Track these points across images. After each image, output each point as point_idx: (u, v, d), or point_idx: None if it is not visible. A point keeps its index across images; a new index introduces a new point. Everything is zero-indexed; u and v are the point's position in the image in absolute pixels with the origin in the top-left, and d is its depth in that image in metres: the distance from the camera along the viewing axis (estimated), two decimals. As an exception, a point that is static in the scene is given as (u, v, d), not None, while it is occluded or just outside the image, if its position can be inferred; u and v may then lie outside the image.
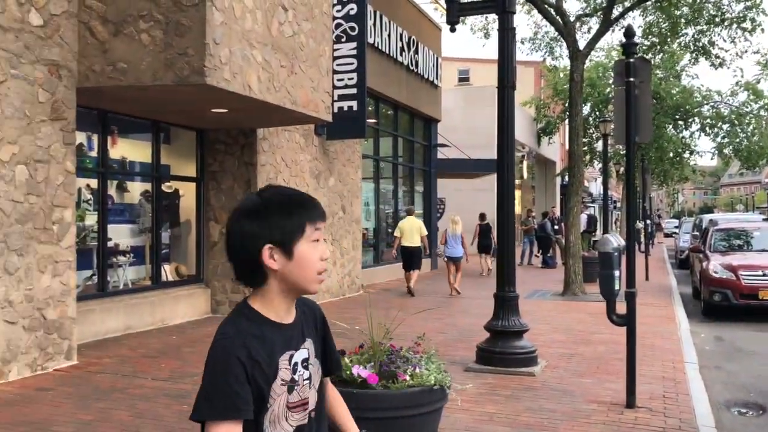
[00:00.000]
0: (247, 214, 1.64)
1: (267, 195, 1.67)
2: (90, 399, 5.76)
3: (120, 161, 9.39)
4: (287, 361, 1.66)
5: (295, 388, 1.66)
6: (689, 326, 10.13)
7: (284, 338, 1.67)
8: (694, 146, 30.84)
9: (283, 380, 1.63)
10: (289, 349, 1.68)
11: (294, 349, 1.68)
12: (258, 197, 1.67)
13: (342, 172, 12.83)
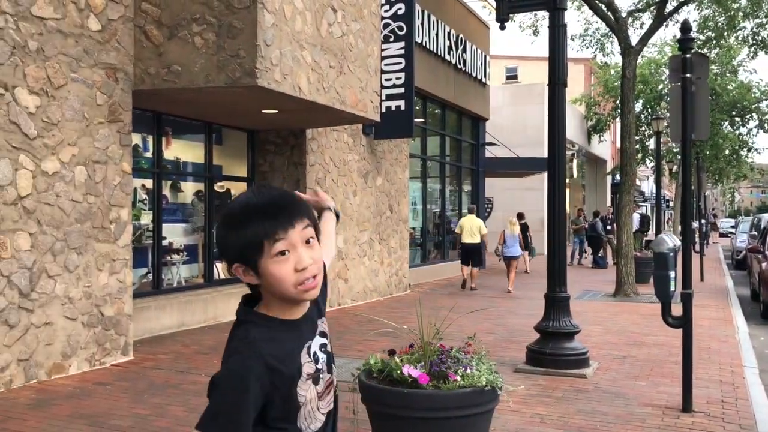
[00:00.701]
0: (221, 224, 1.56)
1: (235, 204, 1.54)
2: (145, 394, 5.91)
3: (174, 162, 9.60)
4: (307, 354, 1.59)
5: (320, 376, 1.60)
6: (748, 329, 9.82)
7: (298, 333, 1.60)
8: (751, 143, 29.86)
9: (308, 374, 1.57)
10: (306, 341, 1.60)
11: (310, 339, 1.62)
12: (231, 205, 1.56)
13: (389, 171, 12.86)
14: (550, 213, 7.24)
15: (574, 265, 20.27)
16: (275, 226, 1.48)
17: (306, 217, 1.53)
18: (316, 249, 1.54)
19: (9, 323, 5.93)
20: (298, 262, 1.49)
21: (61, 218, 6.42)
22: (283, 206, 1.51)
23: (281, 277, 1.49)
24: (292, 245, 1.49)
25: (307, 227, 1.52)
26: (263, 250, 1.47)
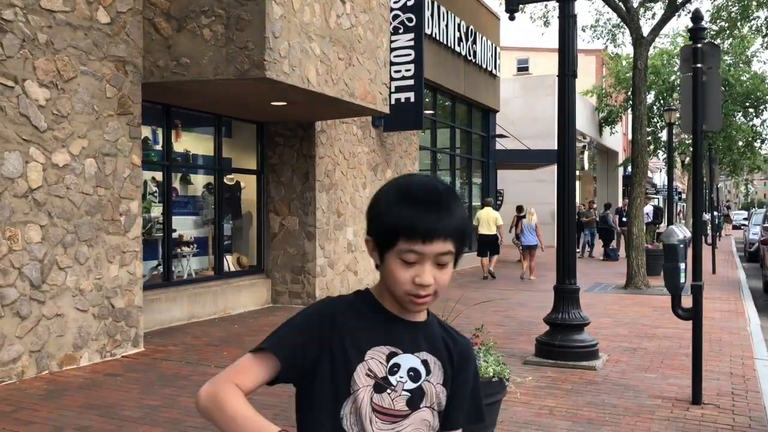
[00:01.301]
0: (381, 192, 1.44)
1: (403, 182, 1.42)
2: (156, 385, 5.95)
3: (184, 154, 9.63)
4: (384, 356, 1.41)
5: (387, 391, 1.39)
6: (760, 321, 9.75)
7: (391, 330, 1.43)
8: (765, 135, 29.58)
9: (371, 371, 1.39)
10: (394, 345, 1.42)
11: (400, 349, 1.42)
12: (401, 180, 1.44)
13: (399, 164, 12.84)
14: (560, 205, 7.21)
15: (585, 257, 20.19)
16: (416, 235, 1.34)
17: (453, 240, 1.37)
18: (446, 273, 1.39)
19: (20, 315, 5.98)
20: (418, 276, 1.36)
21: (71, 210, 6.46)
22: (437, 214, 1.35)
23: (397, 278, 1.37)
24: (421, 259, 1.36)
25: (447, 254, 1.37)
26: (394, 247, 1.36)
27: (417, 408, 1.41)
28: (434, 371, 1.44)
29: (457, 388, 1.48)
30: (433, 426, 1.44)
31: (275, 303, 10.45)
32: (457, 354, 1.49)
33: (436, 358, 1.45)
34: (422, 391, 1.42)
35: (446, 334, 1.50)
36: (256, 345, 1.42)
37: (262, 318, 9.35)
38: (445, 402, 1.46)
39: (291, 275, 10.40)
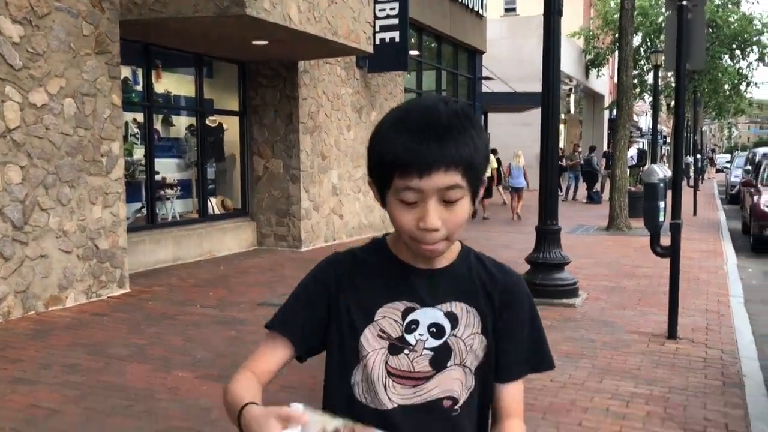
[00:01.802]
0: (379, 121, 1.23)
1: (397, 111, 1.20)
2: (142, 324, 6.02)
3: (165, 95, 9.49)
4: (399, 313, 1.23)
5: (404, 352, 1.22)
6: (737, 261, 9.96)
7: (407, 282, 1.25)
8: (751, 77, 29.54)
9: (383, 332, 1.23)
10: (410, 299, 1.24)
11: (418, 303, 1.23)
12: (400, 106, 1.23)
13: (384, 106, 12.73)
14: (543, 148, 7.23)
15: (569, 200, 20.34)
16: (410, 169, 1.11)
17: (460, 171, 1.12)
18: (457, 212, 1.15)
19: (4, 255, 5.98)
20: (422, 219, 1.14)
21: (51, 151, 6.39)
22: (436, 143, 1.11)
23: (399, 223, 1.16)
24: (422, 197, 1.13)
25: (454, 188, 1.13)
26: (391, 185, 1.15)
27: (443, 367, 1.22)
28: (464, 322, 1.24)
29: (507, 333, 1.27)
30: (466, 386, 1.24)
31: (260, 245, 10.50)
32: (500, 294, 1.27)
33: (467, 305, 1.25)
34: (448, 348, 1.22)
35: (484, 271, 1.28)
36: (269, 322, 1.32)
37: (247, 260, 9.41)
38: (495, 351, 1.26)
39: (276, 218, 10.42)
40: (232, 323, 6.01)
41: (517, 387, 1.30)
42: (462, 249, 1.30)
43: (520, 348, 1.28)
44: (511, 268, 1.33)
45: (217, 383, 4.50)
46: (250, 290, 7.41)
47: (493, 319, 1.26)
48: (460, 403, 1.24)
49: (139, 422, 3.90)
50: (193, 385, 4.50)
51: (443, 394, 1.22)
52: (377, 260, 1.28)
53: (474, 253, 1.32)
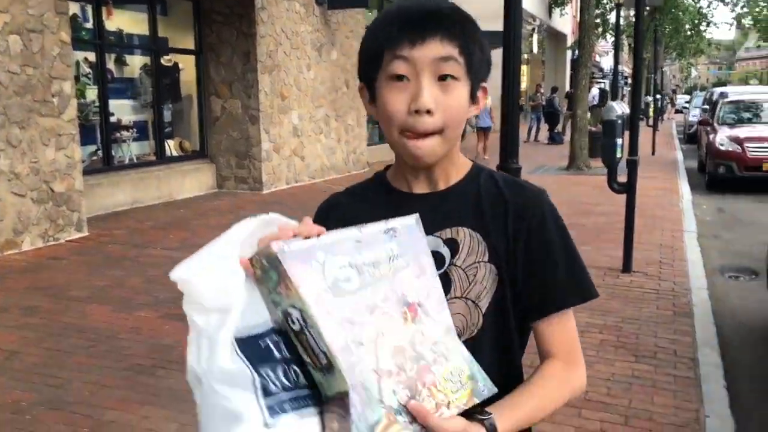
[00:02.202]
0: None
1: (397, 4, 1.09)
2: (102, 267, 5.96)
3: (117, 33, 9.17)
4: None
5: None
6: (692, 198, 10.21)
7: (400, 210, 1.06)
8: (711, 17, 29.73)
9: None
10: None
11: None
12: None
13: (345, 44, 12.51)
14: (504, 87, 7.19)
15: (531, 141, 20.47)
16: (402, 37, 1.02)
17: (454, 39, 1.02)
18: (453, 96, 1.04)
19: (-46, 199, 5.81)
20: (414, 98, 1.02)
21: (-2, 91, 6.16)
22: (428, 13, 1.03)
23: (389, 109, 1.04)
24: (414, 71, 1.02)
25: (449, 60, 1.02)
26: (381, 63, 1.05)
27: (458, 299, 1.09)
28: (466, 249, 1.09)
29: (529, 261, 1.09)
30: (471, 321, 1.08)
31: (221, 188, 10.39)
32: (514, 214, 1.09)
33: (470, 230, 1.09)
34: (447, 279, 1.07)
35: (495, 189, 1.12)
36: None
37: (207, 203, 9.32)
38: (521, 284, 1.09)
39: (236, 160, 10.29)
40: (194, 264, 5.98)
41: (558, 323, 1.09)
42: (472, 168, 1.16)
43: (548, 276, 1.08)
44: (531, 184, 1.15)
45: (180, 322, 4.49)
46: (211, 232, 7.24)
47: (506, 245, 1.08)
48: (462, 339, 1.06)
49: (102, 361, 3.91)
50: (156, 324, 4.50)
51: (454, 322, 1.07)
52: (373, 192, 1.19)
53: (487, 172, 1.16)
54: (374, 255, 0.92)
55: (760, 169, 10.99)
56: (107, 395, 3.48)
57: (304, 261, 0.86)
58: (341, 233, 0.91)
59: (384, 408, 0.86)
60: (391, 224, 0.95)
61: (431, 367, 0.92)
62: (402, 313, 0.92)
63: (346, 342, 0.85)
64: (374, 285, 0.91)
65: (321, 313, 0.84)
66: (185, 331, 1.13)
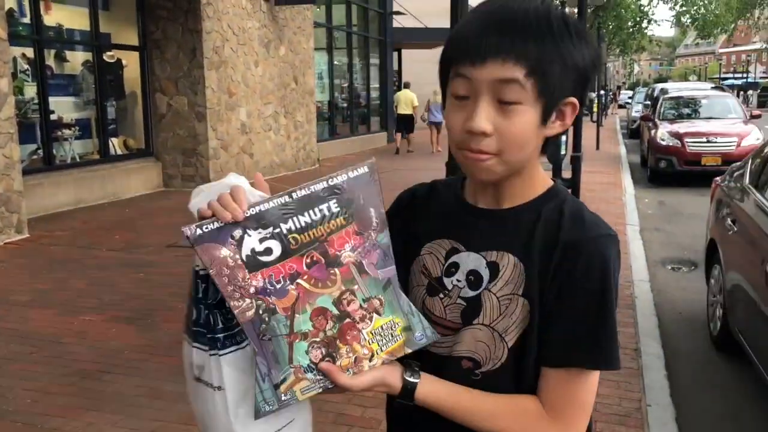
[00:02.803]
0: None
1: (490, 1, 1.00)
2: (45, 270, 5.79)
3: (56, 29, 8.91)
4: (443, 252, 1.08)
5: (439, 295, 1.07)
6: (634, 192, 10.49)
7: (461, 220, 1.09)
8: (652, 14, 30.55)
9: (425, 268, 1.09)
10: (457, 239, 1.07)
11: (463, 245, 1.07)
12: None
13: (293, 40, 12.43)
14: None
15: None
16: (465, 52, 0.95)
17: (521, 63, 0.93)
18: (513, 121, 0.95)
19: None
20: (469, 118, 0.96)
21: (-70, 89, 5.92)
22: (499, 26, 0.94)
23: (449, 126, 1.00)
24: (474, 91, 0.96)
25: (511, 83, 0.93)
26: (448, 77, 1.00)
27: (469, 323, 1.04)
28: (505, 277, 1.02)
29: (556, 302, 0.99)
30: (494, 354, 1.02)
31: (167, 187, 10.20)
32: (561, 250, 0.99)
33: (517, 258, 1.02)
34: (479, 303, 1.03)
35: (557, 220, 1.02)
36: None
37: (153, 202, 9.15)
38: (542, 322, 1.00)
39: (183, 158, 10.12)
40: (140, 265, 5.87)
41: (560, 378, 1.00)
42: (548, 191, 1.06)
43: (566, 325, 0.98)
44: (600, 225, 1.01)
45: (127, 325, 4.42)
46: (157, 232, 7.23)
47: (543, 281, 0.99)
48: (483, 369, 1.03)
49: (45, 367, 3.80)
50: (102, 328, 4.41)
51: (464, 353, 1.04)
52: (445, 194, 1.15)
53: (560, 199, 1.05)
54: (304, 219, 0.93)
55: (698, 164, 11.36)
56: (50, 402, 3.39)
57: (218, 241, 0.91)
58: (269, 203, 0.93)
59: (293, 368, 0.92)
60: (334, 181, 0.95)
61: (357, 324, 0.95)
62: (330, 276, 0.94)
63: (256, 313, 0.91)
64: (300, 251, 0.93)
65: (228, 290, 0.90)
66: (132, 334, 1.13)
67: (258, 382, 0.92)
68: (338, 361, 0.94)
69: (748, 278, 3.67)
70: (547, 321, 0.99)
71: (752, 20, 39.66)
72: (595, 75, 1.02)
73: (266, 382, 0.92)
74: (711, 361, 4.28)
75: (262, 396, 0.92)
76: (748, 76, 60.86)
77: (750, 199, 4.14)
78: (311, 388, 0.94)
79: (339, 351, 0.94)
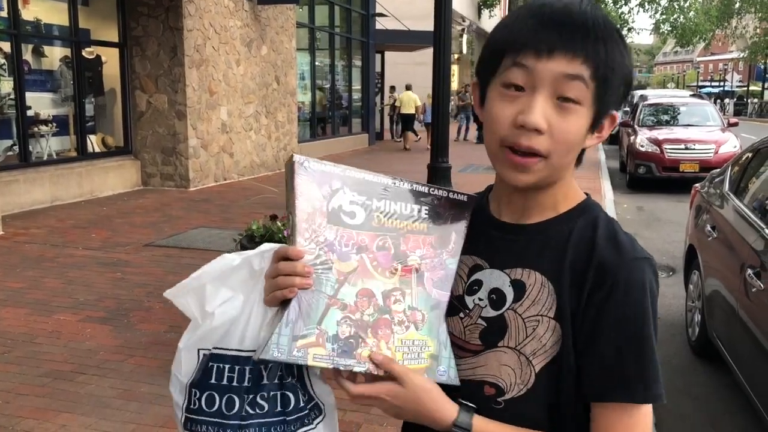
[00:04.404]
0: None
1: (540, 2, 0.94)
2: (19, 268, 5.68)
3: (34, 23, 8.77)
4: (466, 269, 1.02)
5: (460, 314, 1.01)
6: (614, 197, 10.56)
7: (484, 235, 1.02)
8: (632, 22, 30.90)
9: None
10: (480, 255, 1.02)
11: (487, 262, 1.01)
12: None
13: (275, 40, 12.36)
14: (435, 88, 7.27)
15: (461, 141, 20.75)
16: (528, 42, 0.89)
17: (588, 62, 0.89)
18: (569, 120, 0.90)
19: None
20: (522, 111, 0.89)
21: None
22: (568, 21, 0.89)
23: (494, 118, 0.93)
24: (532, 84, 0.90)
25: (576, 79, 0.89)
26: (499, 66, 0.93)
27: (493, 345, 0.97)
28: (532, 297, 0.96)
29: (591, 331, 0.93)
30: (520, 379, 0.95)
31: (146, 185, 10.08)
32: (594, 273, 0.93)
33: (545, 277, 0.95)
34: (503, 323, 0.96)
35: (590, 239, 0.96)
36: None
37: (131, 200, 9.03)
38: (580, 351, 0.93)
39: (162, 156, 10.01)
40: (117, 265, 5.79)
41: (610, 413, 0.92)
42: (579, 206, 1.00)
43: (600, 357, 0.92)
44: (635, 247, 0.95)
45: (102, 325, 4.35)
46: (135, 231, 7.13)
47: (578, 305, 0.93)
48: (507, 396, 0.95)
49: (18, 367, 3.72)
50: (76, 327, 4.33)
51: (486, 378, 0.96)
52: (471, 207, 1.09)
53: (593, 215, 0.98)
54: (395, 207, 0.95)
55: (677, 170, 11.48)
56: (22, 404, 3.31)
57: (318, 181, 0.91)
58: (375, 177, 0.95)
59: (318, 330, 0.90)
60: (435, 192, 0.98)
61: (393, 325, 0.94)
62: (392, 267, 0.94)
63: (315, 257, 0.90)
64: (376, 231, 0.94)
65: (303, 226, 0.90)
66: (107, 334, 1.10)
67: (281, 325, 0.89)
68: (360, 350, 0.92)
69: (727, 284, 3.69)
70: (586, 351, 0.92)
71: (729, 29, 40.27)
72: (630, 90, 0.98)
73: (288, 328, 0.89)
74: (689, 366, 4.30)
75: (277, 340, 0.89)
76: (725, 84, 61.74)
77: (729, 205, 4.17)
78: (324, 359, 0.90)
79: (365, 340, 0.92)
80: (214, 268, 0.97)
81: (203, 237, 6.84)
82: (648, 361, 0.91)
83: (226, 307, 0.95)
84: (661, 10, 29.08)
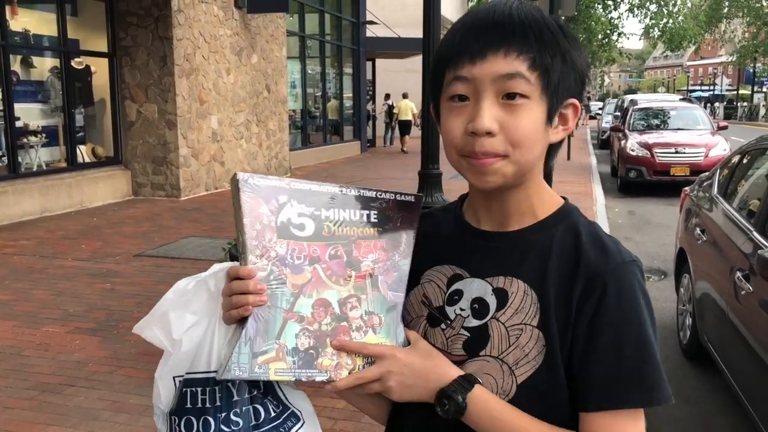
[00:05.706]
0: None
1: (473, 10, 0.96)
2: (7, 280, 5.64)
3: (23, 34, 8.75)
4: (445, 279, 1.01)
5: (441, 326, 0.99)
6: (605, 201, 10.58)
7: (462, 245, 1.01)
8: (621, 27, 31.08)
9: (426, 297, 1.02)
10: (460, 264, 1.00)
11: (467, 271, 0.99)
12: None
13: (265, 48, 12.36)
14: (425, 94, 7.27)
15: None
16: (462, 53, 0.90)
17: (523, 53, 0.88)
18: (520, 115, 0.89)
19: None
20: (471, 119, 0.89)
21: None
22: (493, 23, 0.90)
23: (447, 131, 0.93)
24: (475, 90, 0.90)
25: (515, 77, 0.88)
26: (443, 83, 0.94)
27: (475, 355, 0.95)
28: (514, 305, 0.94)
29: (585, 339, 0.91)
30: (502, 389, 0.93)
31: (137, 195, 10.05)
32: (583, 280, 0.91)
33: (528, 285, 0.94)
34: (486, 333, 0.95)
35: (573, 245, 0.94)
36: None
37: (122, 210, 8.99)
38: (575, 363, 0.91)
39: (152, 166, 9.98)
40: (107, 275, 5.75)
41: (607, 421, 0.91)
42: (558, 211, 0.99)
43: (602, 364, 0.90)
44: (620, 249, 0.94)
45: (92, 337, 4.32)
46: (125, 241, 7.10)
47: (566, 315, 0.91)
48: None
49: (5, 380, 3.69)
50: (65, 339, 4.29)
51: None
52: (443, 217, 1.07)
53: (573, 220, 0.98)
54: (344, 215, 0.95)
55: (668, 174, 11.53)
56: (9, 417, 3.28)
57: (264, 197, 0.92)
58: (322, 186, 0.95)
59: (277, 344, 0.91)
60: (383, 196, 0.98)
61: (351, 332, 0.94)
62: (346, 275, 0.95)
63: (268, 273, 0.91)
64: (328, 241, 0.94)
65: (253, 243, 0.90)
66: (96, 346, 1.10)
67: (239, 343, 0.89)
68: (320, 359, 0.92)
69: (717, 287, 3.70)
70: (582, 362, 0.90)
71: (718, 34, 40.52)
72: (588, 79, 0.98)
73: (247, 346, 0.90)
74: (680, 370, 4.30)
75: (237, 359, 0.90)
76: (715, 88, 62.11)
77: (719, 208, 4.18)
78: (285, 373, 0.91)
79: (326, 349, 0.93)
80: (173, 296, 0.98)
81: (194, 246, 6.82)
82: (652, 363, 0.90)
83: (191, 332, 0.96)
84: (651, 15, 29.22)
